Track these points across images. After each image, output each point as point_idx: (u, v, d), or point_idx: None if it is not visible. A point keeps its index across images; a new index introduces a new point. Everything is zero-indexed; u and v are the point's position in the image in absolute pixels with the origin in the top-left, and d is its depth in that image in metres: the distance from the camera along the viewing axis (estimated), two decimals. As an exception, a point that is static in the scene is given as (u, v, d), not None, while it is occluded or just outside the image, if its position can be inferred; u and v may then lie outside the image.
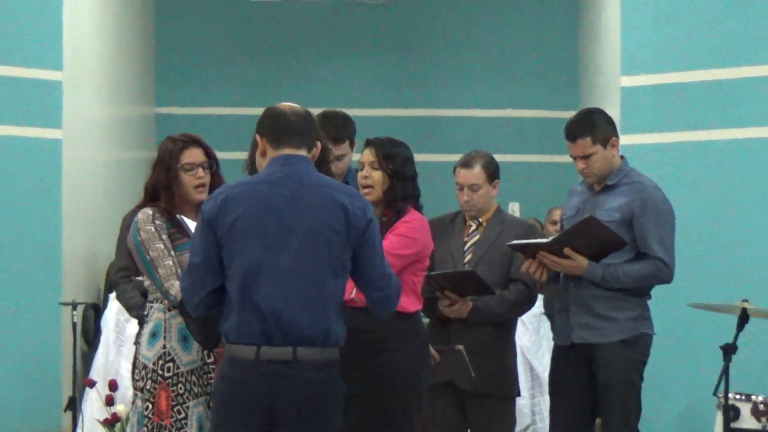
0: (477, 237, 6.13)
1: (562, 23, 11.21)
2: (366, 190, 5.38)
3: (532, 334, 8.04)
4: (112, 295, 7.85)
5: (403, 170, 5.41)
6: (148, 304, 5.15)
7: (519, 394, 6.21)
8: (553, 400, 5.95)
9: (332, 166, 5.10)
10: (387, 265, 4.70)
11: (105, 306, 8.43)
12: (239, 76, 11.33)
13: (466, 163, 6.13)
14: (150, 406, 4.99)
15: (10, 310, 8.38)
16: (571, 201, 6.02)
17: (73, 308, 7.71)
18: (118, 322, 8.10)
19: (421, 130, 10.96)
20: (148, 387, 5.00)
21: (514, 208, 10.66)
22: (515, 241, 5.85)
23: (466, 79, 11.31)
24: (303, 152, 4.66)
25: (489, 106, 11.26)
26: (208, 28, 11.36)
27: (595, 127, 5.81)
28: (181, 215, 5.10)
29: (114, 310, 8.11)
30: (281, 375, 4.49)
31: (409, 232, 5.34)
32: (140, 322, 5.22)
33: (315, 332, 4.52)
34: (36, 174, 8.51)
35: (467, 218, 6.17)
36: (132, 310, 6.78)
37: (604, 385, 5.71)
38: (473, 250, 6.10)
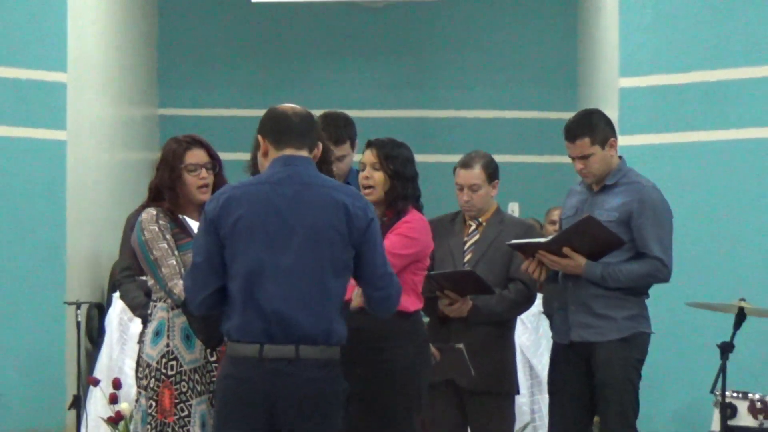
0: (477, 237, 6.12)
1: (561, 25, 11.16)
2: (367, 191, 5.37)
3: (531, 332, 8.04)
4: (116, 295, 7.87)
5: (404, 171, 5.41)
6: (151, 303, 5.15)
7: (518, 392, 6.20)
8: (552, 398, 5.95)
9: (333, 167, 5.10)
10: (388, 265, 4.70)
11: (109, 305, 8.43)
12: (241, 78, 11.31)
13: (465, 163, 6.12)
14: (153, 404, 4.99)
15: (16, 309, 8.38)
16: (569, 201, 6.02)
17: (78, 307, 7.72)
18: (121, 321, 8.11)
19: (421, 131, 10.93)
20: (151, 385, 5.00)
21: (514, 209, 10.66)
22: (514, 241, 5.84)
23: (465, 81, 11.27)
24: (304, 153, 4.65)
25: (488, 107, 11.23)
26: (210, 31, 11.33)
27: (593, 127, 5.81)
28: (184, 215, 5.11)
29: (118, 309, 8.13)
30: (284, 373, 4.48)
31: (409, 232, 5.34)
32: (144, 321, 5.22)
33: (317, 332, 4.51)
34: (40, 174, 8.50)
35: (467, 218, 6.16)
36: (136, 309, 6.81)
37: (602, 383, 5.70)
38: (473, 249, 6.09)
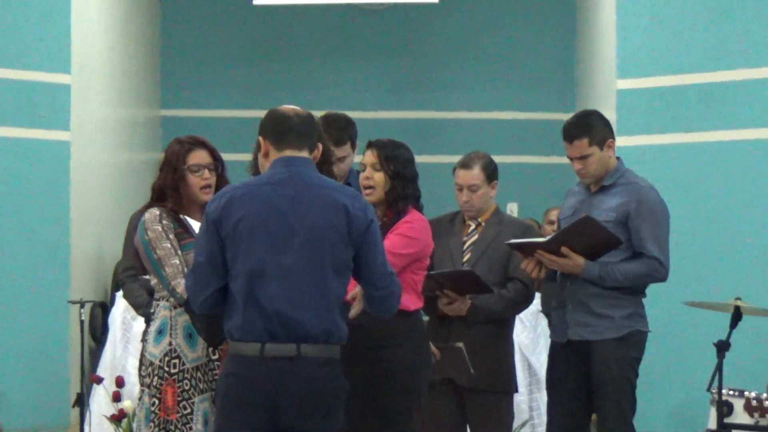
0: (476, 237, 6.12)
1: (559, 28, 11.18)
2: (368, 191, 5.39)
3: (529, 331, 8.00)
4: (119, 294, 7.87)
5: (404, 171, 5.42)
6: (154, 302, 5.16)
7: (517, 390, 6.20)
8: (551, 396, 5.95)
9: (334, 168, 5.10)
10: (388, 265, 4.70)
11: (112, 304, 8.42)
12: (243, 80, 11.32)
13: (465, 164, 6.12)
14: (156, 401, 4.98)
15: (20, 308, 8.42)
16: (568, 201, 6.02)
17: (81, 306, 7.72)
18: (124, 320, 8.10)
19: (421, 132, 10.95)
20: (154, 383, 5.00)
21: (513, 209, 10.68)
22: (513, 240, 5.84)
23: (465, 82, 11.29)
24: (305, 154, 4.66)
25: (488, 109, 11.24)
26: (213, 33, 11.35)
27: (591, 128, 5.81)
28: (187, 216, 5.12)
29: (121, 308, 8.11)
30: (285, 371, 4.49)
31: (409, 232, 5.35)
32: (147, 320, 5.22)
33: (318, 331, 4.52)
34: (45, 175, 8.54)
35: (466, 218, 6.15)
36: (139, 308, 6.80)
37: (599, 381, 5.70)
38: (472, 249, 6.09)
